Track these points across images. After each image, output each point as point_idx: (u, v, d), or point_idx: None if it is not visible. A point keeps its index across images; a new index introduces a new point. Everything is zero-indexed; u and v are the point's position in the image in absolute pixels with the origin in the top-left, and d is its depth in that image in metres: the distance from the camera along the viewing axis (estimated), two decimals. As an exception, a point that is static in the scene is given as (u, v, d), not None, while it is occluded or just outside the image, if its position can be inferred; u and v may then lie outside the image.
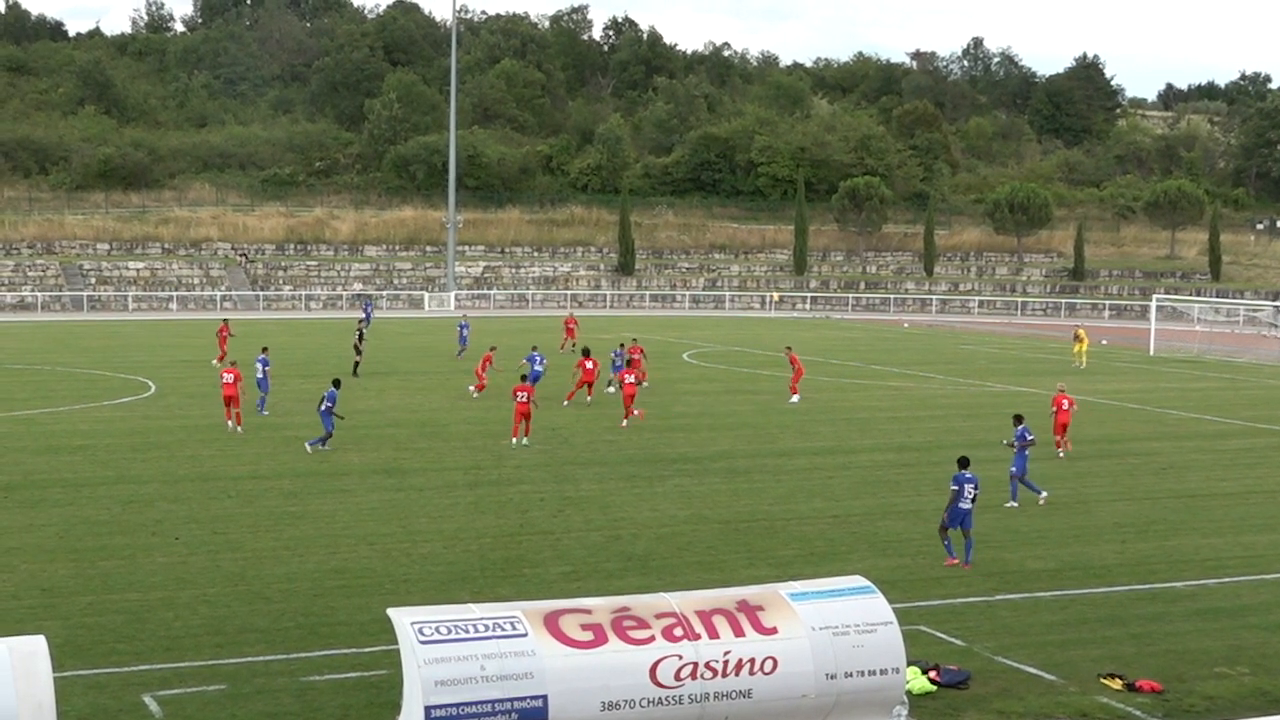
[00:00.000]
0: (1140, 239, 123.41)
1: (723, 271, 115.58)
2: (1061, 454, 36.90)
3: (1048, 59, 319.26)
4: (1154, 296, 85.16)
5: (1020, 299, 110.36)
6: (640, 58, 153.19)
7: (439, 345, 66.69)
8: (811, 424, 42.10)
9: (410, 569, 24.02)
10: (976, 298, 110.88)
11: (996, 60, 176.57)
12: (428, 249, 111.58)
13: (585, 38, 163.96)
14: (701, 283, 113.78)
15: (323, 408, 35.89)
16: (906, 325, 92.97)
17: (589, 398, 46.10)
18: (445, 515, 28.22)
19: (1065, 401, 37.82)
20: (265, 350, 45.13)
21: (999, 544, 26.58)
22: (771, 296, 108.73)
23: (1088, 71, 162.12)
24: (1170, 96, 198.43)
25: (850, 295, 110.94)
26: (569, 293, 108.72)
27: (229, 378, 39.37)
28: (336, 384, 37.25)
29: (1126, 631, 21.18)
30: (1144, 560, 25.65)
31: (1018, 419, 31.44)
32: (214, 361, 54.74)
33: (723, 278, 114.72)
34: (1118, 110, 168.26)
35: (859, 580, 16.91)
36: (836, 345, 69.68)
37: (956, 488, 25.11)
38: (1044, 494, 30.66)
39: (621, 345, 51.31)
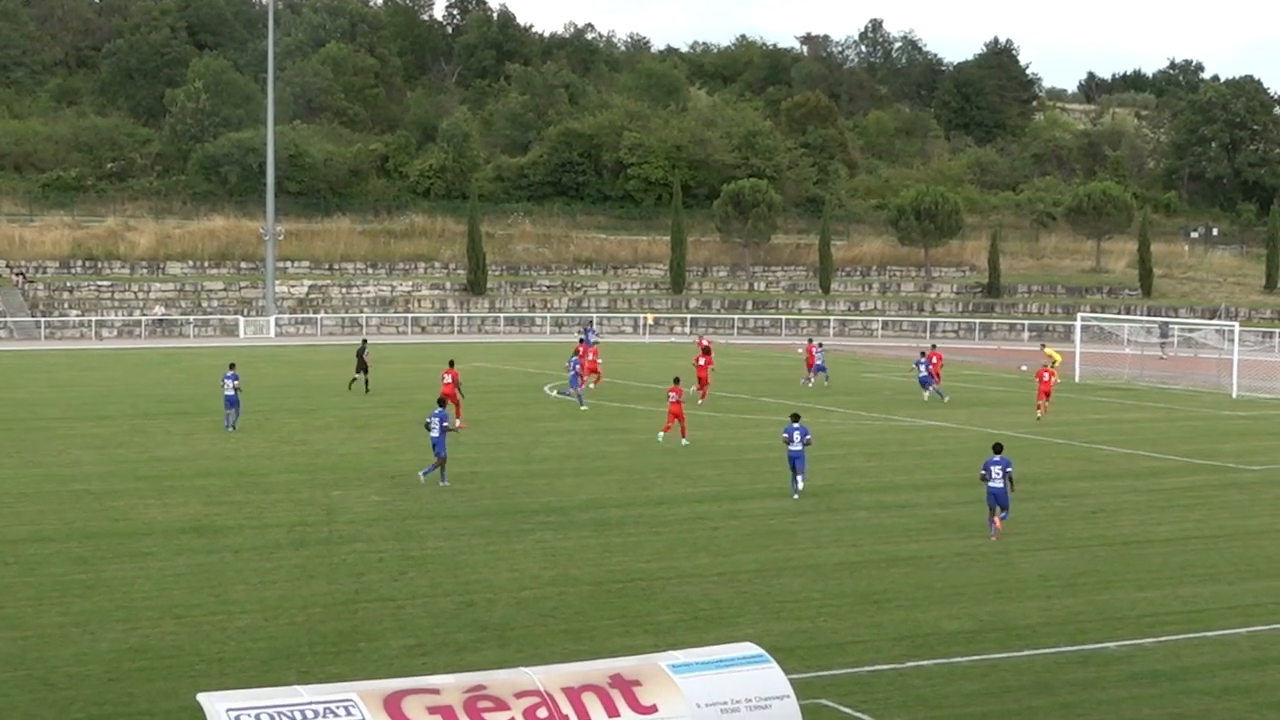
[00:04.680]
0: (1062, 250, 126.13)
1: (589, 290, 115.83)
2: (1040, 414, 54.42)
3: (955, 45, 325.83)
4: (1078, 315, 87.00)
5: (929, 319, 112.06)
6: (490, 41, 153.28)
7: (252, 379, 65.85)
8: (693, 467, 42.28)
9: (225, 646, 23.68)
10: (880, 318, 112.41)
11: (898, 46, 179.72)
12: (242, 265, 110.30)
13: (425, 18, 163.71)
14: (565, 303, 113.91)
15: (436, 432, 37.52)
16: (800, 351, 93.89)
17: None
18: (266, 581, 27.87)
19: (1047, 374, 55.95)
20: (233, 367, 50.23)
21: (909, 601, 26.91)
22: (645, 319, 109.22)
23: (1000, 59, 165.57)
24: (1092, 87, 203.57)
25: (736, 316, 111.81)
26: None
27: None
28: (441, 403, 39.56)
29: (1055, 700, 21.53)
30: (1073, 618, 26.11)
31: (795, 416, 37.76)
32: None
33: (589, 297, 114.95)
34: (1034, 103, 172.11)
35: (750, 648, 16.97)
36: (721, 375, 70.00)
37: (984, 472, 32.16)
38: (797, 491, 36.57)
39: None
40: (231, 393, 48.97)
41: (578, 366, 58.39)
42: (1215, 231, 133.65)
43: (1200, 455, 46.49)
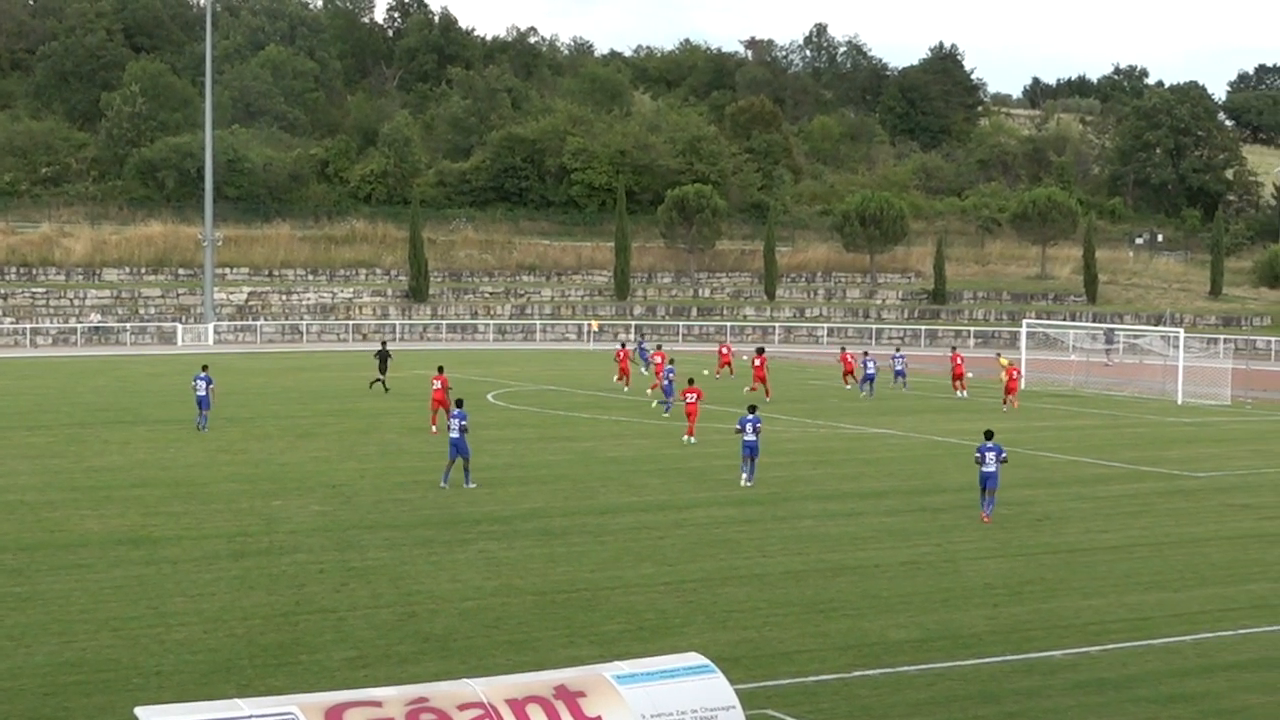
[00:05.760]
0: (1007, 255, 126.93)
1: (532, 296, 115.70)
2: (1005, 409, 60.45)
3: (900, 49, 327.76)
4: (1024, 322, 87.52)
5: (875, 325, 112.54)
6: (431, 45, 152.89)
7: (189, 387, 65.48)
8: (638, 475, 42.31)
9: (163, 659, 23.54)
10: (825, 325, 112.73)
11: (842, 50, 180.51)
12: (180, 272, 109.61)
13: (366, 20, 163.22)
14: (508, 310, 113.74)
15: (456, 433, 38.87)
16: (745, 357, 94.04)
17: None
18: (205, 593, 27.72)
19: (1015, 372, 63.23)
20: (206, 368, 52.42)
21: (855, 610, 27.02)
22: (590, 325, 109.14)
23: (945, 64, 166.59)
24: (1037, 93, 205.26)
25: (680, 323, 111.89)
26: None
27: None
28: (460, 404, 40.71)
29: (1001, 709, 21.68)
30: (1019, 626, 26.29)
31: (751, 408, 41.02)
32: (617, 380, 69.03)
33: (533, 304, 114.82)
34: (979, 108, 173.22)
35: (696, 658, 17.00)
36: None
37: (978, 456, 35.39)
38: (746, 480, 40.05)
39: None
40: (204, 393, 50.73)
41: (672, 375, 59.01)
42: (1160, 237, 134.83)
43: (1145, 462, 46.87)
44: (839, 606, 27.35)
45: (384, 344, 69.07)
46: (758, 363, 64.69)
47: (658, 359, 67.12)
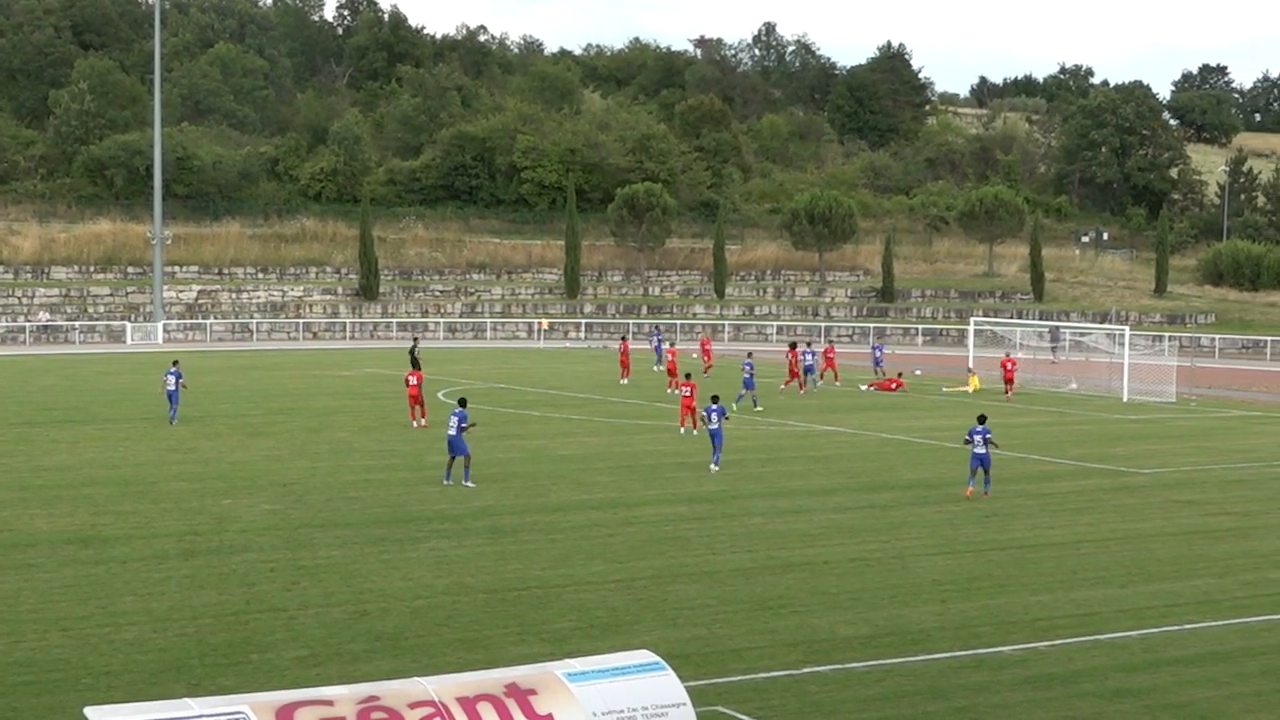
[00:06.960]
0: (955, 254, 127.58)
1: (483, 295, 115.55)
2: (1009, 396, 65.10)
3: (848, 48, 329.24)
4: (971, 319, 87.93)
5: (824, 323, 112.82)
6: (381, 43, 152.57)
7: (141, 386, 65.14)
8: (589, 473, 42.30)
9: (113, 658, 23.39)
10: (774, 322, 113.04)
11: (791, 49, 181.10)
12: (129, 270, 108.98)
13: (315, 18, 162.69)
14: (458, 308, 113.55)
15: (454, 431, 39.14)
16: (695, 355, 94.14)
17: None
18: (155, 592, 27.56)
19: (1009, 364, 67.22)
20: (176, 364, 53.99)
21: (804, 607, 27.08)
22: (540, 324, 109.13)
23: (893, 63, 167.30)
24: (984, 92, 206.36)
25: (631, 321, 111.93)
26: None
27: None
28: (463, 403, 40.61)
29: (950, 705, 21.75)
30: (967, 622, 26.41)
31: (714, 399, 43.89)
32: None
33: (483, 302, 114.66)
34: (927, 107, 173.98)
35: (647, 656, 17.01)
36: (613, 380, 70.23)
37: (968, 439, 38.14)
38: (714, 466, 41.72)
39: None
40: (174, 388, 51.95)
41: (752, 368, 61.35)
42: (1105, 236, 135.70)
43: (1091, 459, 47.15)
44: (788, 603, 27.42)
45: (416, 340, 71.98)
46: (790, 358, 67.44)
47: (670, 356, 69.20)
